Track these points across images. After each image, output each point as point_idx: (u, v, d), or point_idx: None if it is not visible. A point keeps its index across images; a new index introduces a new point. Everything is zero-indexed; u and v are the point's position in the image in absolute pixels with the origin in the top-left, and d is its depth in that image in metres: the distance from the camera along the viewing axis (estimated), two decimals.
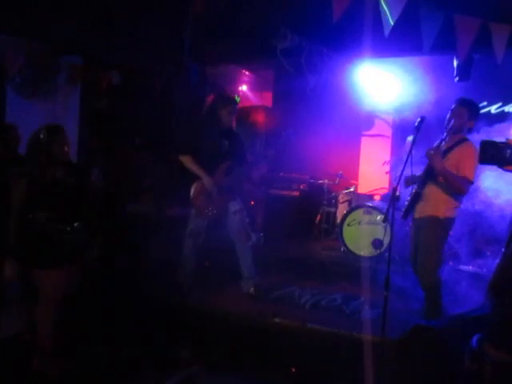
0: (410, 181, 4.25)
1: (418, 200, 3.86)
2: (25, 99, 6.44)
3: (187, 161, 4.33)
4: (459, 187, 3.68)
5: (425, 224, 3.84)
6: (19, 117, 5.44)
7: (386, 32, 3.75)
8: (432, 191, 3.79)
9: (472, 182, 3.69)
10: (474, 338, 2.20)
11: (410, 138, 5.81)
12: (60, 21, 4.96)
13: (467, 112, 3.75)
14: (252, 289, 4.56)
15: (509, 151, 2.61)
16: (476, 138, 3.83)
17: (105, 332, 3.94)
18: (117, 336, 3.94)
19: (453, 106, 3.80)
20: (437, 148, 3.73)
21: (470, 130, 3.83)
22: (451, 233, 4.22)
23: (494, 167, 2.45)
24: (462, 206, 3.91)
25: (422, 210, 3.86)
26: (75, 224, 3.28)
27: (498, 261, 2.42)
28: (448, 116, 3.81)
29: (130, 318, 4.12)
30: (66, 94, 6.49)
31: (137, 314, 4.15)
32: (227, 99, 4.52)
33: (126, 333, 4.00)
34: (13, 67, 6.02)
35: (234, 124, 4.52)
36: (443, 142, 3.82)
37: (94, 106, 6.47)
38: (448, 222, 3.81)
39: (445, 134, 3.81)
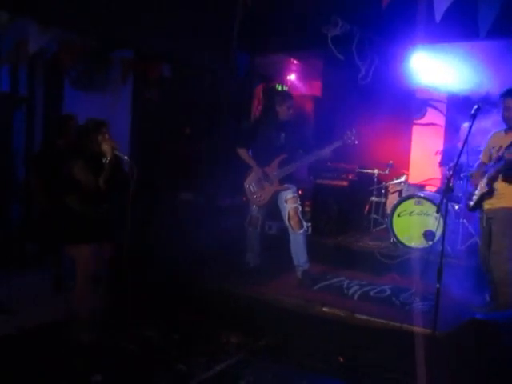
0: (475, 175, 4.13)
1: (490, 195, 3.83)
2: (81, 92, 6.69)
3: (242, 153, 4.74)
4: None
5: (498, 215, 3.82)
6: (76, 109, 5.64)
7: (438, 17, 3.62)
8: (506, 185, 3.76)
9: None
10: None
11: (465, 125, 5.65)
12: (111, 16, 5.09)
13: None
14: (300, 275, 4.63)
15: None
16: None
17: (155, 315, 4.07)
18: (167, 320, 4.06)
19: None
20: None
21: None
22: None
23: None
24: None
25: (495, 202, 3.83)
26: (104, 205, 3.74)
27: None
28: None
29: (181, 303, 4.25)
30: (119, 87, 6.67)
31: (187, 300, 4.27)
32: (286, 95, 4.79)
33: (177, 317, 4.12)
34: (68, 61, 6.23)
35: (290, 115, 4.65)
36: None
37: (145, 97, 6.64)
38: None
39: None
